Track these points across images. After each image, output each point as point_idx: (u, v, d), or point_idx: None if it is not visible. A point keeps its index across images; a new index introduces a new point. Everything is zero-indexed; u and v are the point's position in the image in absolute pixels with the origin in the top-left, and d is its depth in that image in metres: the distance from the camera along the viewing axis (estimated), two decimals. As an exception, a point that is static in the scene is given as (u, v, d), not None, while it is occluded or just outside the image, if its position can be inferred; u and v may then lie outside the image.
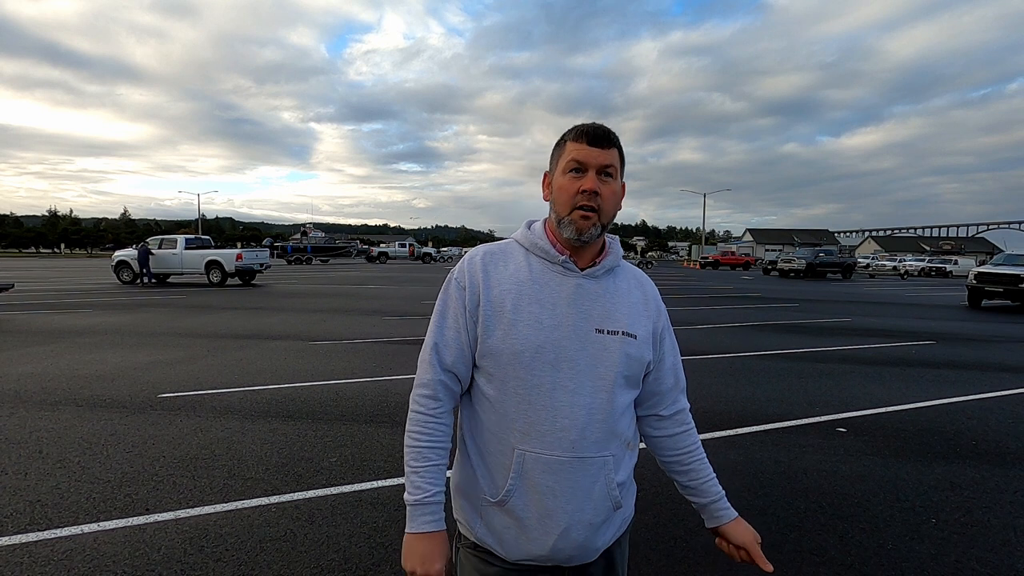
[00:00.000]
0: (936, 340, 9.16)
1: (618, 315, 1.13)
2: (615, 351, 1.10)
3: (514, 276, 1.12)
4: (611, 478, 1.11)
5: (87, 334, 8.51)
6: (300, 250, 43.74)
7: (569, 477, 1.07)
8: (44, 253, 78.15)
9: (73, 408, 4.71)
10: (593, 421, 1.08)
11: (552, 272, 1.12)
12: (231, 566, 2.45)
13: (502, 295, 1.10)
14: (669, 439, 1.26)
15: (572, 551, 1.09)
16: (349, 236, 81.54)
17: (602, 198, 1.09)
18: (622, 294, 1.16)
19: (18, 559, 2.48)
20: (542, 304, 1.09)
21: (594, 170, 1.09)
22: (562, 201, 1.11)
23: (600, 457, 1.09)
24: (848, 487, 3.36)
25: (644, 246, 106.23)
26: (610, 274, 1.17)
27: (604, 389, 1.09)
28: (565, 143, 1.13)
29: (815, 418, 4.70)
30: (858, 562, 2.56)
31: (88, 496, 3.10)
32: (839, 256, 35.57)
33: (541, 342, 1.07)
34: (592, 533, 1.10)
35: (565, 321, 1.09)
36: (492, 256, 1.16)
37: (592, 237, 1.10)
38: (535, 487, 1.07)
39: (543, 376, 1.07)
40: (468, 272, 1.14)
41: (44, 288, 17.30)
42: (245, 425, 4.32)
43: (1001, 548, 2.70)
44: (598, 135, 1.10)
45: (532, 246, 1.15)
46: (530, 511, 1.07)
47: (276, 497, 3.12)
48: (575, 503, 1.07)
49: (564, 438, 1.06)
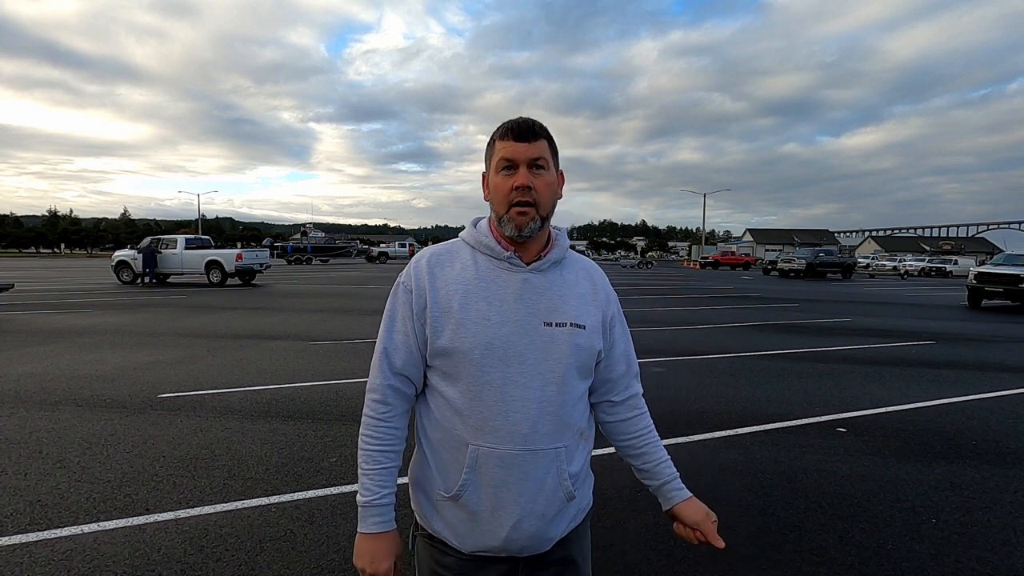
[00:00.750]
0: (936, 340, 9.17)
1: (566, 307, 1.14)
2: (564, 343, 1.12)
3: (460, 275, 1.13)
4: (563, 469, 1.12)
5: (87, 334, 8.51)
6: (300, 250, 43.75)
7: (521, 469, 1.08)
8: (44, 253, 78.14)
9: (73, 408, 4.72)
10: (544, 413, 1.09)
11: (498, 269, 1.13)
12: (231, 566, 2.46)
13: (449, 295, 1.11)
14: (622, 424, 1.28)
15: (525, 542, 1.10)
16: (349, 236, 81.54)
17: (537, 191, 1.10)
18: (569, 285, 1.17)
19: (18, 559, 2.48)
20: (489, 301, 1.10)
21: (524, 165, 1.10)
22: (498, 200, 1.12)
23: (552, 449, 1.11)
24: (848, 487, 3.36)
25: (644, 246, 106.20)
26: (557, 266, 1.18)
27: (554, 382, 1.10)
28: (494, 142, 1.14)
29: (815, 418, 4.70)
30: (858, 562, 2.56)
31: (88, 496, 3.10)
32: (839, 256, 35.56)
33: (490, 339, 1.08)
34: (545, 524, 1.11)
35: (513, 316, 1.10)
36: (438, 257, 1.17)
37: (533, 231, 1.11)
38: (488, 480, 1.08)
39: (493, 372, 1.08)
40: (414, 275, 1.15)
41: (44, 288, 17.30)
42: (245, 425, 4.32)
43: (1001, 548, 2.70)
44: (523, 130, 1.11)
45: (478, 244, 1.16)
46: (483, 504, 1.09)
47: (276, 497, 3.12)
48: (527, 495, 1.09)
49: (516, 432, 1.08)
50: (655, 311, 12.73)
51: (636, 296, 16.80)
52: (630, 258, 62.80)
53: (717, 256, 46.82)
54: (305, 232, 54.82)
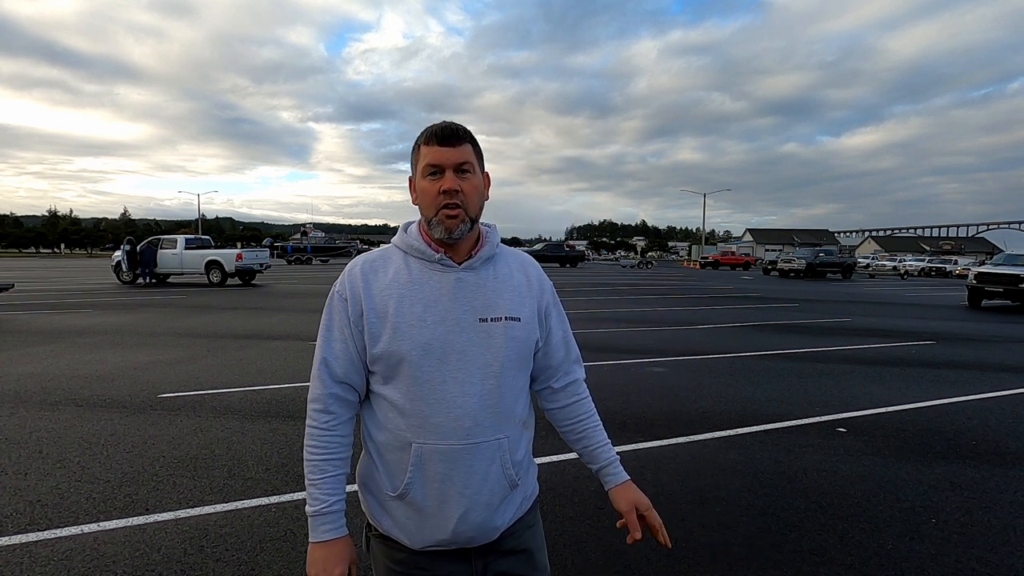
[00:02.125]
0: (936, 340, 9.17)
1: (500, 302, 1.16)
2: (500, 336, 1.14)
3: (394, 280, 1.14)
4: (507, 458, 1.14)
5: (87, 334, 8.51)
6: (300, 250, 43.76)
7: (465, 462, 1.10)
8: (44, 253, 78.15)
9: (73, 408, 4.71)
10: (485, 407, 1.11)
11: (431, 271, 1.15)
12: (231, 566, 2.46)
13: (384, 301, 1.12)
14: (562, 410, 1.30)
15: (472, 532, 1.12)
16: (349, 236, 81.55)
17: (464, 194, 1.11)
18: (503, 280, 1.19)
19: (18, 559, 2.48)
20: (425, 303, 1.12)
21: (451, 169, 1.11)
22: (426, 204, 1.13)
23: (495, 440, 1.13)
24: (848, 487, 3.36)
25: (644, 246, 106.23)
26: (489, 263, 1.19)
27: (493, 375, 1.12)
28: (419, 147, 1.15)
29: (815, 418, 4.70)
30: (858, 562, 2.56)
31: (88, 496, 3.10)
32: (839, 256, 35.57)
33: (427, 340, 1.10)
34: (491, 513, 1.13)
35: (449, 316, 1.12)
36: (371, 264, 1.18)
37: (463, 233, 1.13)
38: (433, 476, 1.10)
39: (433, 372, 1.10)
40: (349, 283, 1.16)
41: (44, 288, 17.30)
42: (245, 425, 4.32)
43: (1001, 548, 2.70)
44: (447, 134, 1.12)
45: (409, 248, 1.17)
46: (429, 499, 1.11)
47: (276, 497, 3.12)
48: (472, 487, 1.11)
49: (458, 427, 1.10)
50: (655, 311, 12.73)
51: (636, 296, 16.80)
52: (630, 258, 62.83)
53: (717, 256, 46.81)
54: (305, 232, 54.88)
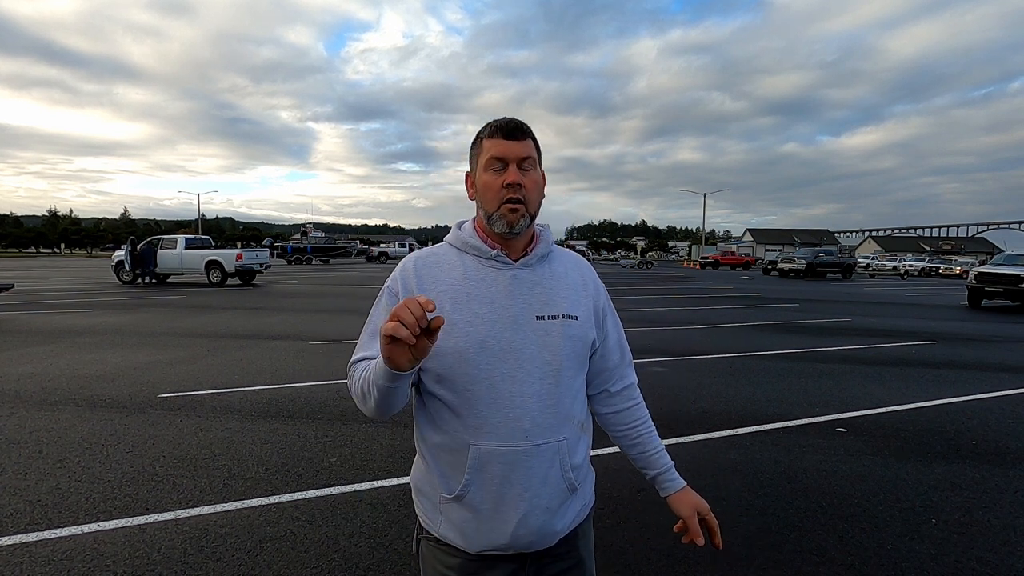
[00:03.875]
0: (936, 340, 9.16)
1: (557, 300, 1.15)
2: (558, 335, 1.12)
3: (449, 276, 1.14)
4: (567, 461, 1.12)
5: (87, 334, 8.51)
6: (300, 250, 43.74)
7: (524, 465, 1.08)
8: (44, 253, 78.14)
9: (73, 408, 4.71)
10: (544, 407, 1.09)
11: (487, 268, 1.14)
12: (231, 566, 2.46)
13: (439, 297, 1.11)
14: (618, 414, 1.28)
15: (532, 537, 1.10)
16: (349, 236, 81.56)
17: (526, 189, 1.11)
18: (559, 278, 1.18)
19: (18, 559, 2.48)
20: (480, 300, 1.11)
21: (514, 163, 1.11)
22: (488, 198, 1.12)
23: (554, 442, 1.11)
24: (848, 487, 3.36)
25: (644, 246, 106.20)
26: (544, 261, 1.19)
27: (552, 375, 1.11)
28: (481, 141, 1.14)
29: (815, 418, 4.70)
30: (858, 562, 2.56)
31: (88, 496, 3.10)
32: (839, 256, 35.55)
33: (484, 336, 1.08)
34: (550, 518, 1.11)
35: (505, 313, 1.10)
36: (425, 261, 1.17)
37: (523, 228, 1.12)
38: (491, 479, 1.08)
39: (490, 369, 1.08)
40: (401, 279, 1.16)
41: (44, 288, 17.30)
42: (245, 425, 4.32)
43: (1001, 548, 2.70)
44: (512, 128, 1.12)
45: (464, 245, 1.17)
46: (487, 503, 1.09)
47: (276, 497, 3.12)
48: (532, 489, 1.08)
49: (517, 428, 1.07)
50: (655, 311, 12.73)
51: (636, 296, 16.79)
52: (630, 258, 62.81)
53: (717, 256, 46.79)
54: (305, 232, 54.85)
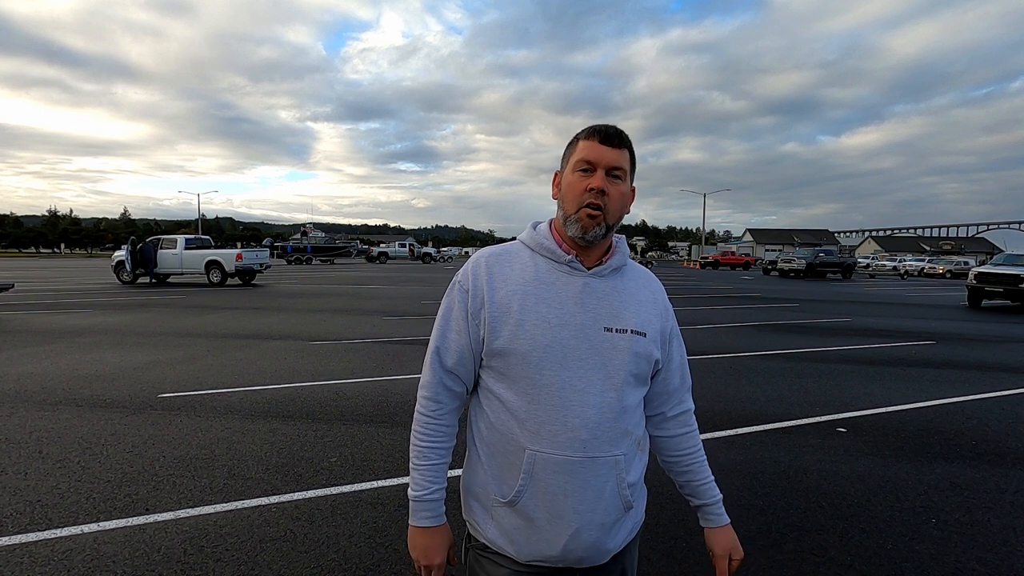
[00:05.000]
0: (936, 340, 9.16)
1: (626, 313, 1.13)
2: (624, 349, 1.10)
3: (520, 277, 1.12)
4: (623, 478, 1.10)
5: (87, 334, 8.50)
6: (300, 250, 43.75)
7: (580, 477, 1.06)
8: (44, 253, 78.14)
9: (73, 408, 4.71)
10: (604, 420, 1.07)
11: (558, 272, 1.12)
12: (231, 566, 2.45)
13: (508, 296, 1.10)
14: (672, 440, 1.25)
15: (583, 552, 1.08)
16: (349, 236, 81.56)
17: (609, 198, 1.09)
18: (630, 292, 1.16)
19: (18, 559, 2.48)
20: (549, 304, 1.09)
21: (603, 169, 1.09)
22: (570, 199, 1.11)
23: (611, 456, 1.08)
24: (848, 487, 3.36)
25: (644, 246, 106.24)
26: (617, 273, 1.16)
27: (614, 388, 1.08)
28: (577, 141, 1.13)
29: (815, 418, 4.70)
30: (858, 562, 2.56)
31: (88, 496, 3.10)
32: (839, 256, 35.57)
33: (549, 341, 1.07)
34: (604, 534, 1.09)
35: (573, 320, 1.08)
36: (497, 258, 1.16)
37: (597, 237, 1.10)
38: (546, 487, 1.06)
39: (552, 375, 1.06)
40: (472, 275, 1.14)
41: (44, 288, 17.29)
42: (245, 425, 4.32)
43: (1001, 548, 2.70)
44: (610, 134, 1.10)
45: (538, 246, 1.15)
46: (541, 511, 1.07)
47: (276, 497, 3.12)
48: (587, 503, 1.06)
49: (575, 438, 1.05)
50: (655, 311, 12.71)
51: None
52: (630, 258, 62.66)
53: (717, 256, 46.78)
54: (305, 232, 54.85)
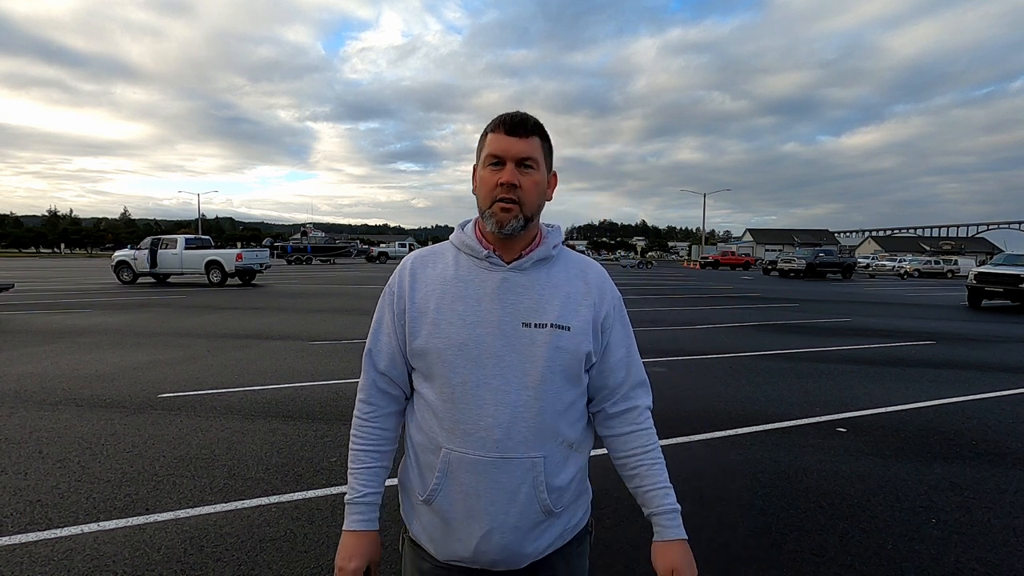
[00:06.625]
0: (936, 340, 9.17)
1: (548, 307, 1.08)
2: (543, 344, 1.06)
3: (441, 276, 1.11)
4: (540, 481, 1.05)
5: (87, 334, 8.50)
6: (300, 250, 43.77)
7: (492, 477, 1.03)
8: (44, 253, 78.17)
9: (73, 408, 4.71)
10: (520, 419, 1.04)
11: (478, 268, 1.11)
12: (231, 566, 2.45)
13: (427, 296, 1.10)
14: (617, 439, 1.17)
15: (495, 555, 1.05)
16: (349, 236, 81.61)
17: (523, 190, 1.06)
18: (557, 285, 1.11)
19: (18, 559, 2.48)
20: (466, 301, 1.08)
21: (512, 162, 1.06)
22: (483, 194, 1.09)
23: (528, 458, 1.04)
24: (848, 487, 3.36)
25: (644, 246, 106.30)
26: (542, 265, 1.12)
27: (530, 386, 1.05)
28: (487, 134, 1.10)
29: (815, 418, 4.70)
30: (858, 562, 2.56)
31: (88, 496, 3.10)
32: (839, 256, 35.59)
33: (464, 339, 1.05)
34: (518, 538, 1.05)
35: (489, 317, 1.06)
36: (422, 259, 1.16)
37: (515, 229, 1.07)
38: (460, 487, 1.05)
39: (467, 374, 1.05)
40: (398, 278, 1.15)
41: (44, 288, 17.29)
42: (245, 425, 4.32)
43: (1001, 548, 2.70)
44: (515, 124, 1.07)
45: (461, 244, 1.14)
46: (455, 511, 1.06)
47: (276, 497, 3.12)
48: (499, 505, 1.04)
49: (488, 437, 1.03)
50: (655, 311, 12.73)
51: (636, 296, 16.79)
52: (630, 258, 62.83)
53: (717, 256, 46.85)
54: (305, 232, 54.90)
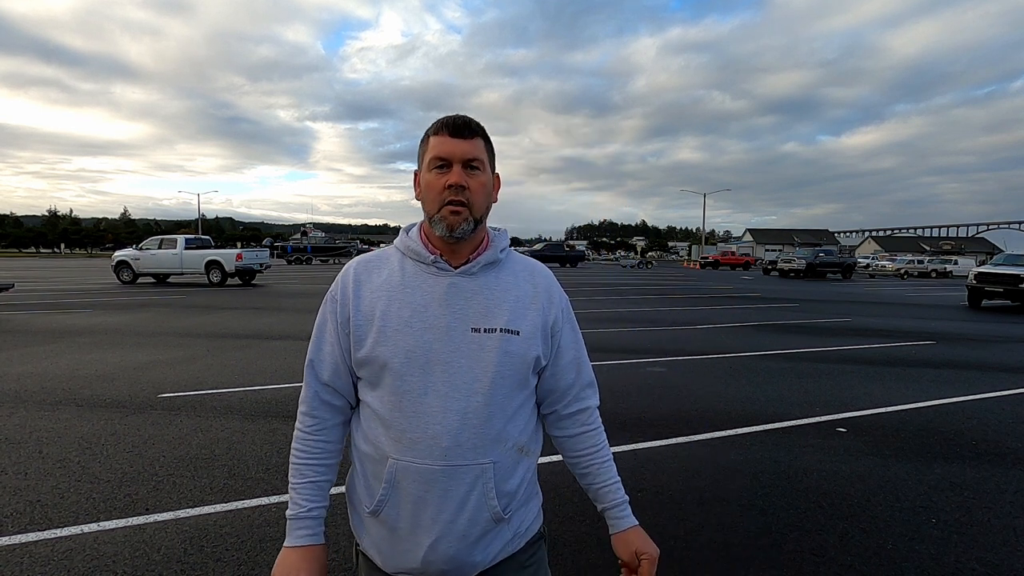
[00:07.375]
0: (936, 340, 9.17)
1: (497, 312, 1.07)
2: (493, 349, 1.04)
3: (387, 283, 1.08)
4: (490, 487, 1.03)
5: (87, 334, 8.50)
6: (300, 250, 43.81)
7: (441, 486, 1.01)
8: (44, 253, 78.19)
9: (73, 408, 4.71)
10: (468, 426, 1.02)
11: (425, 274, 1.08)
12: (231, 566, 2.45)
13: (372, 303, 1.07)
14: (570, 439, 1.19)
15: (444, 564, 1.02)
16: (349, 236, 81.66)
17: (471, 191, 1.05)
18: (505, 289, 1.10)
19: (18, 559, 2.48)
20: (413, 308, 1.05)
21: (459, 163, 1.05)
22: (430, 198, 1.06)
23: (477, 465, 1.02)
24: (848, 487, 3.36)
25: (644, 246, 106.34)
26: (491, 269, 1.11)
27: (480, 391, 1.03)
28: (428, 137, 1.08)
29: (815, 418, 4.70)
30: (858, 562, 2.56)
31: (88, 496, 3.10)
32: (839, 256, 35.59)
33: (411, 346, 1.03)
34: (467, 547, 1.03)
35: (438, 323, 1.04)
36: (366, 265, 1.13)
37: (465, 233, 1.06)
38: (407, 497, 1.02)
39: (414, 381, 1.02)
40: (341, 285, 1.11)
41: (44, 288, 17.30)
42: (245, 425, 4.32)
43: (1001, 548, 2.70)
44: (459, 125, 1.06)
45: (407, 249, 1.11)
46: (402, 522, 1.03)
47: (276, 497, 3.12)
48: (447, 513, 1.01)
49: (435, 445, 1.01)
50: (655, 311, 12.73)
51: (636, 296, 16.80)
52: (630, 258, 62.89)
53: (717, 256, 46.84)
54: (305, 232, 54.96)
